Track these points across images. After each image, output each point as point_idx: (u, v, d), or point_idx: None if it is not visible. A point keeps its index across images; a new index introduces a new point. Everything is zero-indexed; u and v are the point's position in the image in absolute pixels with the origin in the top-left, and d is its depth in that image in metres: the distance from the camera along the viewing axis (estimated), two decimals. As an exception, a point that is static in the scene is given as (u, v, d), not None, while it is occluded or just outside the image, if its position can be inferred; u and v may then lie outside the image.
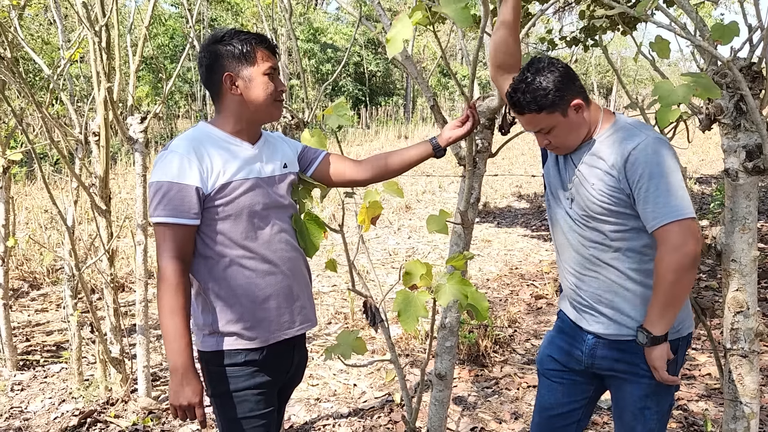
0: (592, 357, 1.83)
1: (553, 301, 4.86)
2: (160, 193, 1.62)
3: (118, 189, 9.26)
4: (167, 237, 1.62)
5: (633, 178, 1.62)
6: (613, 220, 1.69)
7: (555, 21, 8.34)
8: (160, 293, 1.61)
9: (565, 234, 1.82)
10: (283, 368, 1.82)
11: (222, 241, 1.68)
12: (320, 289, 5.28)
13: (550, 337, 2.00)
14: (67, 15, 9.63)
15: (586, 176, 1.73)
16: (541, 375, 2.01)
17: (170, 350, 1.61)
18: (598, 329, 1.79)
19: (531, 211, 8.63)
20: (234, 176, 1.67)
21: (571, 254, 1.82)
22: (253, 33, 1.72)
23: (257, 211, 1.71)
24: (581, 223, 1.76)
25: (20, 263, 5.74)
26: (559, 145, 1.75)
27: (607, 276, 1.74)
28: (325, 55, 24.59)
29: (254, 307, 1.71)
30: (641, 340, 1.68)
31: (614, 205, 1.68)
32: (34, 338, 4.31)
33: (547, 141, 1.75)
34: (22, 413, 3.26)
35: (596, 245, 1.74)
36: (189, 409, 1.63)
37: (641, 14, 1.69)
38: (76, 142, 3.33)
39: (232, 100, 1.71)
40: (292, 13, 2.64)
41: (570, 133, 1.72)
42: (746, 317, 1.97)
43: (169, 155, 1.64)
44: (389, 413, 3.19)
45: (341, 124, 2.02)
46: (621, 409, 1.84)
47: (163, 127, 18.56)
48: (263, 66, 1.70)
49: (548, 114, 1.68)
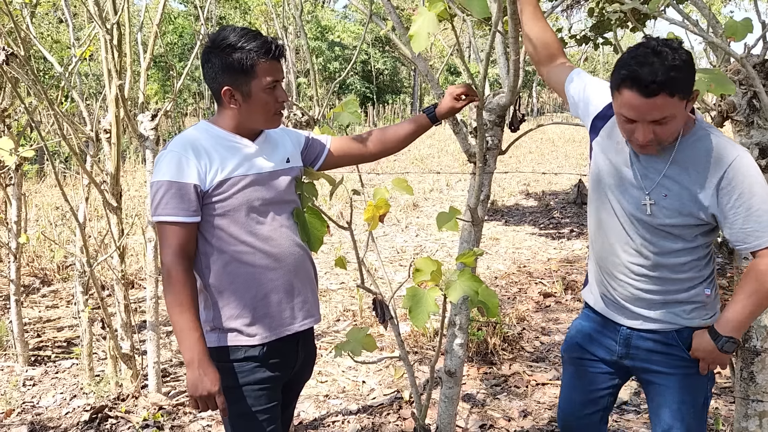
0: (627, 347, 1.80)
1: (561, 299, 4.85)
2: (160, 192, 1.63)
3: (128, 186, 9.31)
4: (170, 235, 1.64)
5: (731, 195, 1.55)
6: (687, 232, 1.64)
7: (563, 19, 8.30)
8: (167, 291, 1.63)
9: (623, 236, 1.71)
10: (287, 364, 1.82)
11: (222, 237, 1.68)
12: (329, 287, 5.29)
13: (578, 324, 1.96)
14: (77, 14, 9.69)
15: (669, 186, 1.62)
16: (567, 362, 1.99)
17: (184, 345, 1.62)
18: (634, 324, 1.77)
19: (539, 210, 8.61)
20: (232, 172, 1.67)
21: (624, 257, 1.72)
22: (258, 40, 1.64)
23: (256, 207, 1.71)
24: (656, 229, 1.66)
25: (31, 260, 5.78)
26: (664, 140, 1.54)
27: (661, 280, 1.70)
28: (333, 53, 24.61)
29: (254, 303, 1.71)
30: (729, 350, 1.64)
31: (693, 218, 1.61)
32: (45, 334, 4.35)
33: (652, 135, 1.52)
34: (34, 408, 3.29)
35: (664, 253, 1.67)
36: (209, 398, 1.64)
37: (653, 10, 1.69)
38: (87, 140, 3.35)
39: (231, 108, 1.71)
40: (302, 10, 2.64)
41: (678, 128, 1.54)
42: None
43: (168, 155, 1.65)
44: (398, 410, 3.20)
45: (351, 122, 2.03)
46: (658, 405, 1.81)
47: (172, 125, 18.63)
48: (264, 81, 1.65)
49: (680, 99, 1.46)
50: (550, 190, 9.92)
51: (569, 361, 1.98)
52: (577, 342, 1.95)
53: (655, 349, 1.75)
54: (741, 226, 1.56)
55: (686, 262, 1.67)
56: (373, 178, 10.72)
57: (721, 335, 1.64)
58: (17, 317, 3.76)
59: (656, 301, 1.71)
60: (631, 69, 1.45)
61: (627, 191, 1.68)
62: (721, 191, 1.55)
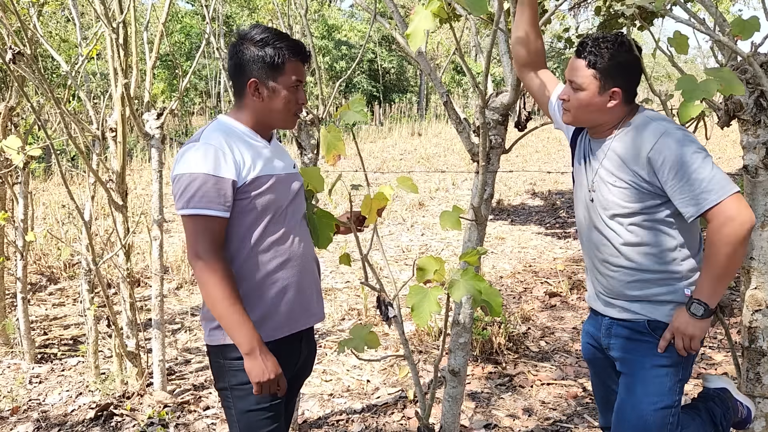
0: (609, 336, 1.88)
1: (567, 299, 4.83)
2: (194, 184, 1.60)
3: (134, 185, 9.34)
4: (203, 229, 1.62)
5: (663, 169, 1.64)
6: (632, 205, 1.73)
7: (570, 18, 8.26)
8: (210, 285, 1.61)
9: (592, 230, 1.84)
10: (291, 362, 1.84)
11: (240, 235, 1.69)
12: (334, 285, 5.29)
13: (584, 326, 2.06)
14: (84, 13, 9.73)
15: (604, 176, 1.76)
16: (588, 364, 2.09)
17: (239, 336, 1.63)
18: (613, 313, 1.85)
19: (545, 209, 8.58)
20: (261, 171, 1.69)
21: (599, 252, 1.84)
22: (290, 39, 1.71)
23: (277, 207, 1.73)
24: (601, 219, 1.79)
25: (38, 258, 5.81)
26: (570, 109, 1.78)
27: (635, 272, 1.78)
28: (340, 52, 24.60)
29: (264, 302, 1.73)
30: (696, 312, 1.68)
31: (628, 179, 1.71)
32: (51, 332, 4.37)
33: (567, 97, 1.77)
34: (40, 405, 3.31)
35: (610, 241, 1.78)
36: (273, 383, 1.67)
37: (660, 9, 1.68)
38: (93, 138, 3.36)
39: (252, 102, 1.73)
40: (307, 9, 2.64)
41: (589, 110, 1.75)
42: (765, 316, 1.95)
43: (203, 147, 1.63)
44: (402, 409, 3.20)
45: (357, 120, 2.02)
46: (619, 395, 1.87)
47: (178, 124, 18.68)
48: (290, 79, 1.70)
49: (593, 76, 1.71)
50: (556, 190, 9.89)
51: (588, 363, 2.08)
52: (586, 342, 2.03)
53: (631, 336, 1.81)
54: (680, 196, 1.63)
55: (654, 253, 1.73)
56: (379, 177, 10.72)
57: (693, 298, 1.69)
58: (24, 315, 3.78)
59: (636, 296, 1.78)
60: (586, 36, 1.76)
61: (582, 186, 1.86)
62: (653, 163, 1.65)
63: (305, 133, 2.70)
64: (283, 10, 3.04)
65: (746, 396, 1.99)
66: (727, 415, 1.91)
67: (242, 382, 1.73)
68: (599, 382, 2.05)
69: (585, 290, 4.88)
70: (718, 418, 1.89)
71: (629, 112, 1.78)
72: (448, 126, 20.38)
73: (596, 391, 2.09)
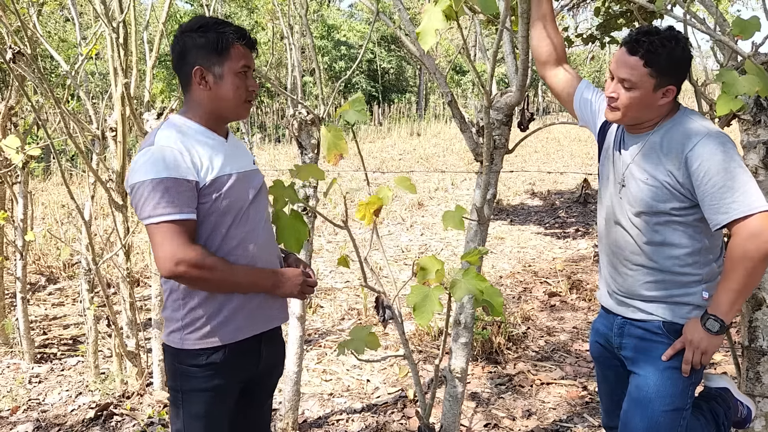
0: (621, 336, 1.86)
1: (566, 299, 4.83)
2: (158, 190, 1.52)
3: (133, 185, 9.32)
4: (178, 233, 1.54)
5: (698, 173, 1.60)
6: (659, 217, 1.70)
7: (569, 18, 8.27)
8: (212, 282, 1.61)
9: (619, 229, 1.80)
10: (248, 366, 1.79)
11: (203, 240, 1.63)
12: (333, 285, 5.29)
13: (594, 324, 2.04)
14: (83, 12, 9.72)
15: (639, 163, 1.72)
16: (595, 363, 2.08)
17: (260, 284, 1.70)
18: (627, 313, 1.82)
19: (544, 209, 8.59)
20: (220, 171, 1.63)
21: (622, 250, 1.81)
22: (233, 25, 1.65)
23: (239, 208, 1.67)
24: (626, 215, 1.76)
25: (37, 257, 5.81)
26: (620, 107, 1.68)
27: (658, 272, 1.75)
28: (339, 52, 24.60)
29: (227, 305, 1.68)
30: (712, 328, 1.65)
31: (664, 202, 1.68)
32: (51, 332, 4.37)
33: (616, 94, 1.67)
34: (40, 405, 3.31)
35: (633, 238, 1.76)
36: (304, 285, 1.77)
37: (660, 8, 1.68)
38: (93, 138, 3.36)
39: (200, 93, 1.65)
40: (307, 9, 2.64)
41: (640, 108, 1.67)
42: (765, 314, 1.95)
43: (159, 150, 1.56)
44: (402, 409, 3.20)
45: (358, 120, 2.02)
46: (629, 393, 1.85)
47: (178, 124, 18.64)
48: (237, 64, 1.63)
49: (649, 74, 1.62)
50: (555, 190, 9.89)
51: (595, 361, 2.06)
52: (595, 340, 2.01)
53: (644, 337, 1.80)
54: (709, 203, 1.60)
55: (677, 254, 1.71)
56: (378, 177, 10.72)
57: (708, 314, 1.66)
58: (23, 314, 3.78)
59: (652, 297, 1.76)
60: (637, 30, 1.65)
61: (608, 180, 1.82)
62: (690, 163, 1.61)
63: (305, 132, 2.70)
64: (283, 10, 3.03)
65: (746, 395, 1.99)
66: (728, 414, 1.90)
67: (194, 388, 1.70)
68: (605, 381, 2.04)
69: (585, 290, 4.88)
70: (721, 419, 1.89)
71: (673, 107, 1.73)
72: (447, 126, 20.38)
73: (602, 390, 2.08)
